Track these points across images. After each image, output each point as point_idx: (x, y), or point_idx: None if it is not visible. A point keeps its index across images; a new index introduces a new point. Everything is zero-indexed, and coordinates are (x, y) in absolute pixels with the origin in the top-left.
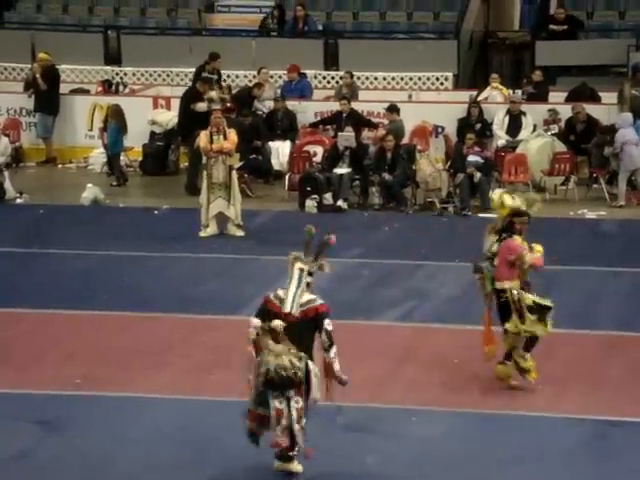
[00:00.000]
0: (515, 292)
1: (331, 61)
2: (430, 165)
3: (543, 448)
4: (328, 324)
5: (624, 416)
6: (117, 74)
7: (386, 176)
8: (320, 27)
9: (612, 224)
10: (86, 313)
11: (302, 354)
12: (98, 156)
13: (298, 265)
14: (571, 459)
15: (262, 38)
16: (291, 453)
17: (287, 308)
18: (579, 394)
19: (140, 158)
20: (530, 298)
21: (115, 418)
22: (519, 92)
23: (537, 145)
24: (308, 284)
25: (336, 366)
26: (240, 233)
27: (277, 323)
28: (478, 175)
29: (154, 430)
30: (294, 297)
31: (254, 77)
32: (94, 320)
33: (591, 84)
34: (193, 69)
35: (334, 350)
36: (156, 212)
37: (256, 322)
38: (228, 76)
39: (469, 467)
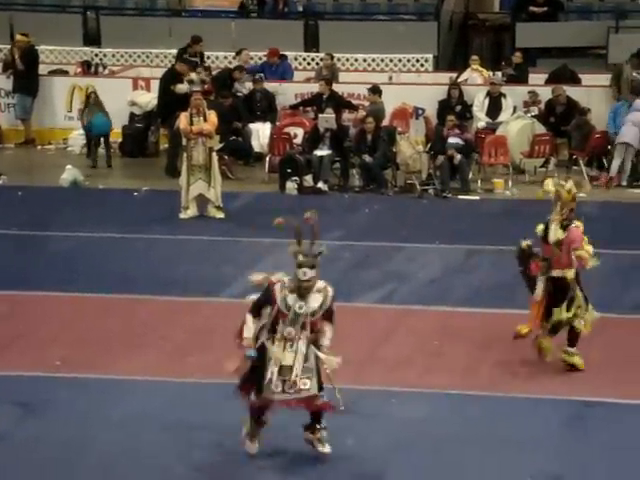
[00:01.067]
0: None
1: (311, 42)
2: (410, 147)
3: (524, 429)
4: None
5: (603, 397)
6: (96, 55)
7: (366, 158)
8: (300, 8)
9: (592, 206)
10: (66, 295)
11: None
12: (77, 137)
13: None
14: (551, 440)
15: (242, 19)
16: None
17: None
18: (559, 376)
19: (120, 140)
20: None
21: (95, 400)
22: (499, 74)
23: (517, 127)
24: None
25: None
26: (220, 215)
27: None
28: (458, 157)
29: (134, 412)
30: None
31: (234, 58)
32: (74, 302)
33: (571, 66)
34: (173, 50)
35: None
36: (136, 194)
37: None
38: (208, 57)
39: (449, 449)
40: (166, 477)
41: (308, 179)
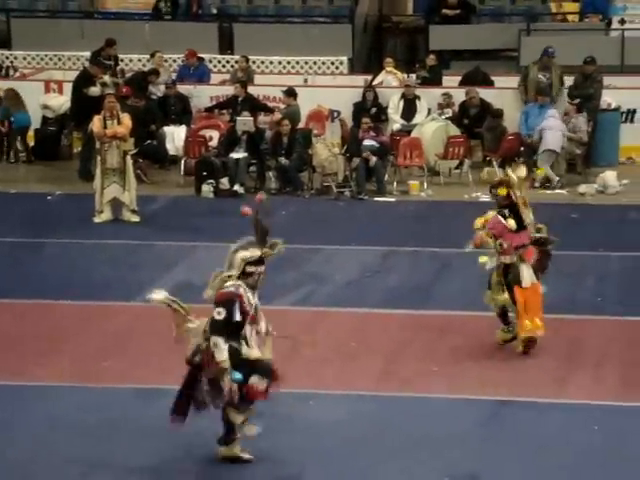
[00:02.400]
0: None
1: (226, 45)
2: (326, 149)
3: (440, 429)
4: (217, 313)
5: (517, 396)
6: (7, 58)
7: (282, 160)
8: (214, 11)
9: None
10: None
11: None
12: None
13: (240, 255)
14: (467, 439)
15: (155, 22)
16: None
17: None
18: (473, 375)
19: (32, 143)
20: None
21: (5, 407)
22: (413, 76)
23: (431, 129)
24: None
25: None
26: (135, 219)
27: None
28: (374, 159)
29: (45, 419)
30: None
31: (148, 61)
32: None
33: (483, 68)
34: (86, 53)
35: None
36: (49, 198)
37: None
38: (122, 60)
39: (365, 451)
40: None
41: (224, 182)
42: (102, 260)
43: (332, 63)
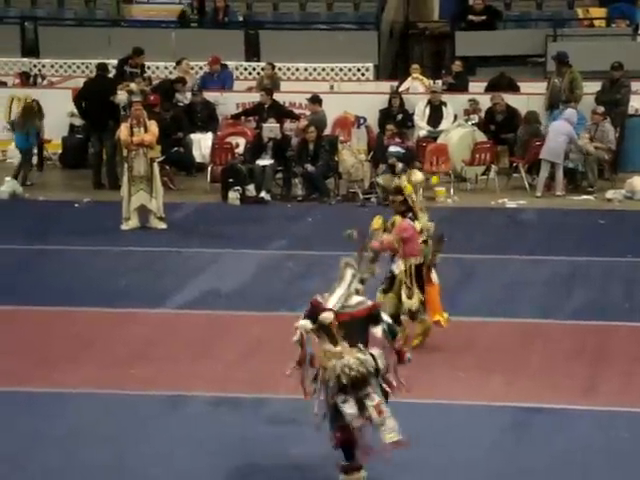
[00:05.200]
0: None
1: (252, 52)
2: (352, 156)
3: (465, 436)
4: (386, 316)
5: (543, 403)
6: (35, 66)
7: (309, 167)
8: (240, 18)
9: (532, 213)
10: (6, 308)
11: (361, 346)
12: (16, 150)
13: (350, 272)
14: (493, 447)
15: (182, 29)
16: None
17: (330, 304)
18: (499, 382)
19: (60, 151)
20: None
21: (34, 414)
22: (439, 82)
23: (458, 135)
24: (357, 290)
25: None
26: (162, 226)
27: (325, 315)
28: (400, 166)
29: (74, 426)
30: (339, 298)
31: (174, 68)
32: (14, 315)
33: (510, 74)
34: (112, 61)
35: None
36: (77, 205)
37: (303, 323)
38: (148, 67)
39: (391, 458)
40: None
41: (250, 189)
42: (129, 267)
43: (358, 69)
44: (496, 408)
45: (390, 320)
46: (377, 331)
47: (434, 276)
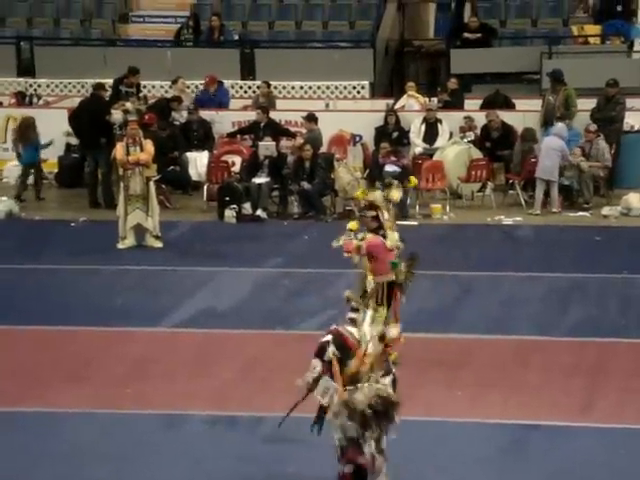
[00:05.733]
0: None
1: (248, 70)
2: (348, 173)
3: (462, 453)
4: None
5: (541, 420)
6: (31, 85)
7: (305, 185)
8: (236, 37)
9: (528, 230)
10: (1, 327)
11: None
12: (12, 169)
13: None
14: (489, 464)
15: (177, 48)
16: None
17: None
18: (496, 399)
19: (56, 170)
20: None
21: (31, 434)
22: (435, 100)
23: (454, 152)
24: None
25: None
26: (158, 244)
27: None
28: (395, 184)
29: (71, 445)
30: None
31: (170, 87)
32: (9, 334)
33: (505, 91)
34: (108, 80)
35: None
36: (73, 225)
37: (316, 363)
38: (144, 86)
39: (389, 475)
40: None
41: (247, 207)
42: (125, 286)
43: (354, 87)
44: (493, 425)
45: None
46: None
47: (402, 298)
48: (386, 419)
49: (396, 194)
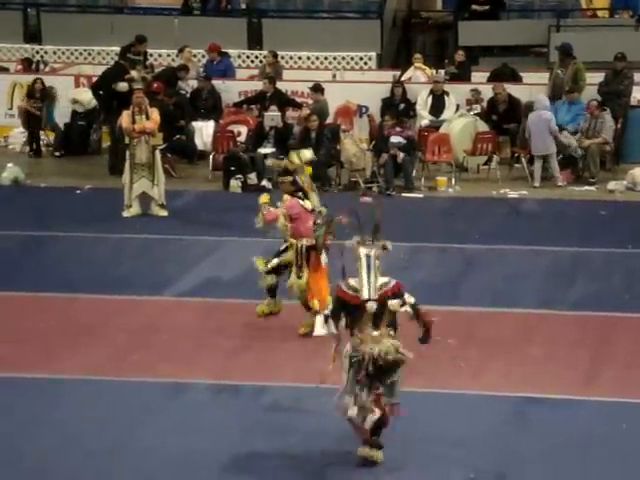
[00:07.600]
0: None
1: (255, 40)
2: (354, 145)
3: (465, 425)
4: (409, 297)
5: (544, 393)
6: (37, 52)
7: None
8: (243, 6)
9: (533, 203)
10: (5, 294)
11: (392, 332)
12: (18, 135)
13: (363, 251)
14: (492, 436)
15: (184, 17)
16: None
17: (365, 295)
18: (499, 372)
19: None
20: None
21: (34, 400)
22: (442, 72)
23: (460, 125)
24: (378, 267)
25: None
26: (164, 213)
27: (370, 305)
28: (401, 155)
29: (73, 411)
30: (369, 283)
31: (177, 56)
32: (13, 301)
33: (513, 64)
34: (115, 48)
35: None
36: (78, 192)
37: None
38: (151, 55)
39: (387, 448)
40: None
41: (252, 177)
42: (130, 254)
43: (361, 59)
44: (496, 397)
45: (412, 299)
46: (394, 303)
47: (324, 259)
48: (387, 372)
49: (307, 154)
